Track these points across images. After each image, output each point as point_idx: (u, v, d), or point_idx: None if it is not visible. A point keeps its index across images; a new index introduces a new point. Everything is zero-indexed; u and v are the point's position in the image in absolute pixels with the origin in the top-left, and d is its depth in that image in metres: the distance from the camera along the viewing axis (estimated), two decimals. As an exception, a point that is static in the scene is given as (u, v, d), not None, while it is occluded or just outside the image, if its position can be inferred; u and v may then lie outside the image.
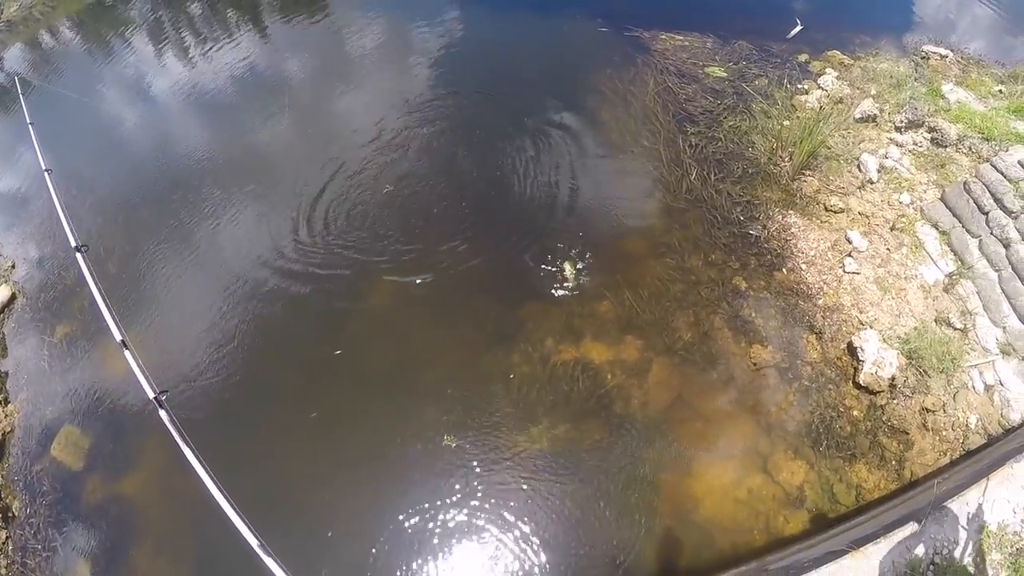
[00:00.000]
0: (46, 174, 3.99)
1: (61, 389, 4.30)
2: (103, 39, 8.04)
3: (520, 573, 3.26)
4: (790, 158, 4.55)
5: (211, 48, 6.95)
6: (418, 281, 4.29)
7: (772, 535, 3.36)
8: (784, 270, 4.24)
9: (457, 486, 3.48)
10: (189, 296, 4.57)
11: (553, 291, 4.17)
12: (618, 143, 4.94)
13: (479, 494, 3.46)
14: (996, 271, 4.55)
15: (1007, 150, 4.94)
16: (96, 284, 2.98)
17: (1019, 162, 4.84)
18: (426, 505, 3.44)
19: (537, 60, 5.68)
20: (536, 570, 3.27)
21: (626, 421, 3.68)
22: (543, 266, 4.30)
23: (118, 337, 2.56)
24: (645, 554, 3.31)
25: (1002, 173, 4.81)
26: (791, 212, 4.45)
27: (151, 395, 1.76)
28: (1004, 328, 4.34)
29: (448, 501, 3.44)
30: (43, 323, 4.72)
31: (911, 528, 2.99)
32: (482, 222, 4.56)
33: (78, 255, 3.26)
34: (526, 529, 3.37)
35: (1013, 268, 4.49)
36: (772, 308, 4.08)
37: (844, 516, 3.46)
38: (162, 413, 1.73)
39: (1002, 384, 4.12)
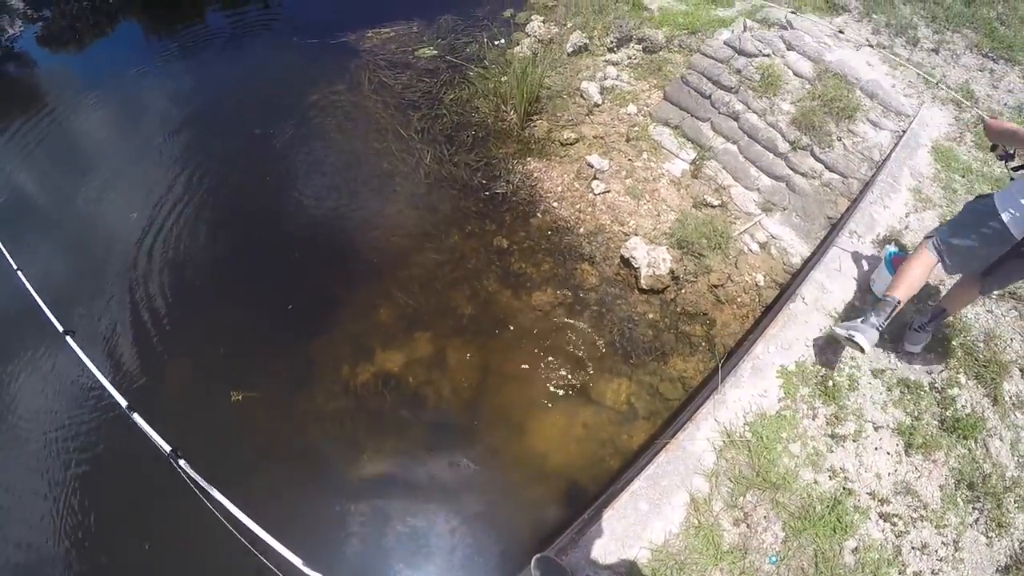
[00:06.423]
0: None
1: None
2: None
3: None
4: (513, 110, 4.61)
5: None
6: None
7: (623, 454, 3.31)
8: (539, 214, 4.20)
9: (313, 539, 3.04)
10: None
11: (328, 321, 3.94)
12: (348, 155, 4.71)
13: (333, 546, 3.05)
14: (734, 143, 4.83)
15: (712, 35, 5.34)
16: None
17: (725, 42, 5.20)
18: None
19: (253, 95, 5.30)
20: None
21: (442, 414, 3.43)
22: (311, 299, 4.03)
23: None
24: (519, 530, 3.07)
25: (712, 57, 5.15)
26: (529, 159, 4.45)
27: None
28: (759, 189, 4.60)
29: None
30: None
31: (712, 401, 2.89)
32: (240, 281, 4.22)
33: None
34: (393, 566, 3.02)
35: (749, 135, 4.78)
36: (539, 253, 4.00)
37: (679, 409, 3.45)
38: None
39: (774, 237, 4.37)
